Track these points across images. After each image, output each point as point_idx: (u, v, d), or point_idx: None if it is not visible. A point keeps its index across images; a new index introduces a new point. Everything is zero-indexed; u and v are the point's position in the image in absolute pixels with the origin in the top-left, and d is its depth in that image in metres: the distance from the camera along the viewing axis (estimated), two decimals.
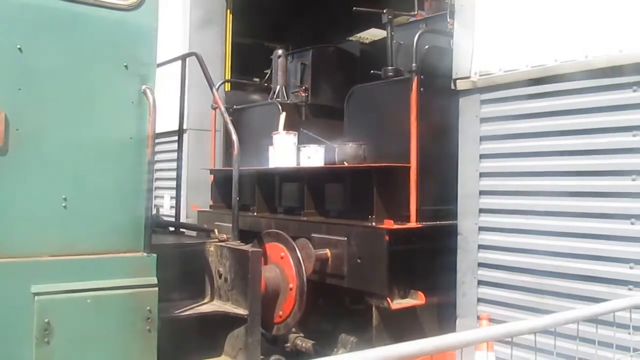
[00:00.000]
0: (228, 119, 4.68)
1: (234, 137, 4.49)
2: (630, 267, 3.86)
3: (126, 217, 3.45)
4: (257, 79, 9.44)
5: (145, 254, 3.47)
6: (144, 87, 3.51)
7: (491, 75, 4.79)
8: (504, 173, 4.65)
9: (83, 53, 3.32)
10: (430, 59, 5.47)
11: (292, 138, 6.23)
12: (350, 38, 9.88)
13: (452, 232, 4.94)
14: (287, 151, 6.12)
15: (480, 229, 4.78)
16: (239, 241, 4.45)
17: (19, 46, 3.09)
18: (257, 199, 6.45)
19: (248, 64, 9.37)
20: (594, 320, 3.18)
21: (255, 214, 6.39)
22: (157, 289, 3.45)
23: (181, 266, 3.89)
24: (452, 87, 5.11)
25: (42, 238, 3.16)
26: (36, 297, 3.04)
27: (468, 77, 4.96)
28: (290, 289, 4.94)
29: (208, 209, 7.50)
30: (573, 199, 4.19)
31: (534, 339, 3.05)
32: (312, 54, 7.39)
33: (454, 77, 5.08)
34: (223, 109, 4.80)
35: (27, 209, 3.14)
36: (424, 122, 5.27)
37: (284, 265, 4.99)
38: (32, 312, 3.02)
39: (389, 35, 6.18)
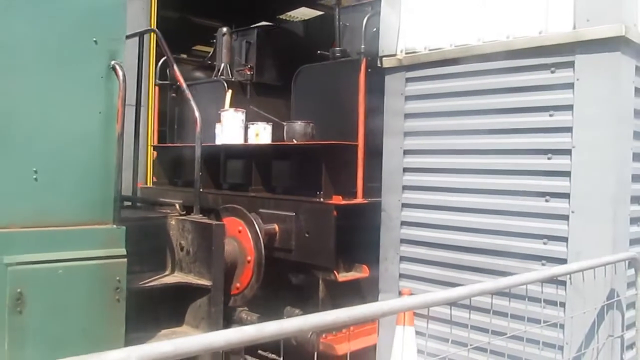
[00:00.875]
0: (190, 96, 4.72)
1: (197, 113, 4.58)
2: (544, 243, 3.99)
3: (96, 190, 3.48)
4: (184, 55, 9.18)
5: (115, 226, 3.53)
6: (113, 62, 3.53)
7: (416, 53, 4.80)
8: (427, 150, 4.67)
9: (53, 27, 3.31)
10: (377, 42, 5.47)
11: (240, 115, 6.27)
12: (281, 16, 9.74)
13: None
14: (235, 128, 6.17)
15: (403, 205, 4.81)
16: (200, 215, 4.56)
17: None
18: (203, 176, 6.43)
19: (174, 40, 9.11)
20: (507, 293, 3.26)
21: (200, 190, 6.37)
22: (126, 260, 3.51)
23: (143, 239, 3.91)
24: (379, 64, 5.12)
25: (13, 210, 3.16)
26: (8, 267, 3.07)
27: (394, 55, 4.95)
28: (248, 262, 5.09)
29: (151, 186, 7.37)
30: (491, 177, 4.27)
31: (450, 312, 3.11)
32: (257, 33, 7.44)
33: (380, 54, 5.05)
34: (185, 86, 4.82)
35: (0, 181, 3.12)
36: (371, 102, 5.39)
37: (242, 239, 5.13)
38: (4, 283, 3.05)
39: (337, 16, 6.24)
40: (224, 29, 7.45)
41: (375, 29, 5.52)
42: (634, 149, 3.95)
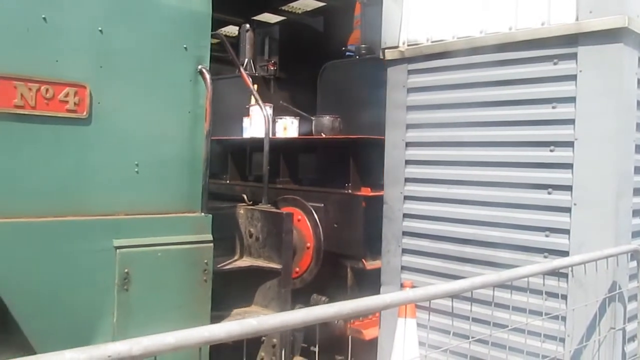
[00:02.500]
0: (258, 97, 5.16)
1: (265, 112, 5.07)
2: (546, 235, 3.98)
3: (187, 182, 3.84)
4: None
5: (203, 214, 3.90)
6: (200, 66, 3.88)
7: (419, 46, 4.78)
8: (430, 143, 4.67)
9: (151, 35, 3.67)
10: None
11: (268, 110, 6.32)
12: (283, 8, 9.72)
13: None
14: (263, 122, 6.21)
15: (406, 197, 4.81)
16: (269, 205, 5.04)
17: (100, 29, 3.42)
18: (230, 168, 6.71)
19: None
20: (508, 285, 3.26)
21: (228, 181, 6.68)
22: (212, 244, 3.90)
23: (217, 227, 4.12)
24: (381, 56, 5.11)
25: (119, 199, 3.53)
26: (117, 250, 3.45)
27: (396, 47, 4.93)
28: (308, 248, 5.40)
29: None
30: (494, 169, 4.26)
31: (452, 305, 3.11)
32: (280, 28, 7.69)
33: (382, 46, 5.04)
34: (252, 87, 5.23)
35: (106, 173, 3.48)
36: None
37: (301, 227, 5.42)
38: (114, 263, 3.44)
39: (362, 13, 6.33)
40: (247, 25, 7.59)
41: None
42: (636, 141, 3.94)
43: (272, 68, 7.35)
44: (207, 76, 3.88)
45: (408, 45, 4.88)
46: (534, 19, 4.10)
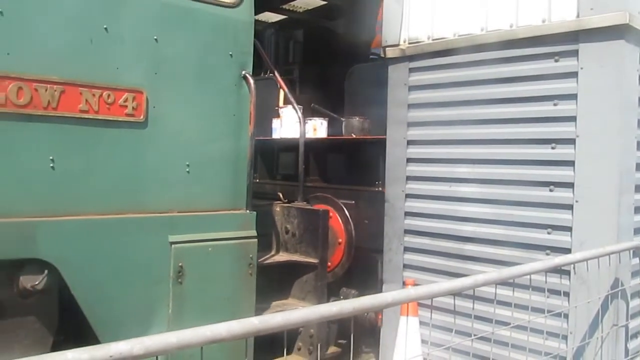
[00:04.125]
0: (293, 100, 5.29)
1: (300, 115, 5.27)
2: (548, 233, 3.98)
3: (233, 181, 4.05)
4: None
5: (248, 211, 4.12)
6: (244, 72, 4.08)
7: (420, 44, 4.78)
8: (431, 141, 4.66)
9: (200, 43, 3.87)
10: None
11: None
12: (284, 6, 9.75)
13: None
14: (293, 123, 6.35)
15: (407, 196, 4.81)
16: (304, 202, 5.28)
17: (155, 37, 3.62)
18: (259, 167, 6.86)
19: None
20: (511, 283, 3.26)
21: (257, 180, 6.73)
22: (256, 240, 4.11)
23: (256, 224, 4.31)
24: (382, 54, 5.10)
25: (173, 197, 3.74)
26: (172, 245, 3.66)
27: (397, 45, 4.93)
28: (340, 244, 5.55)
29: None
30: (495, 167, 4.25)
31: (454, 303, 3.11)
32: (304, 32, 7.88)
33: (383, 44, 5.04)
34: (287, 90, 5.41)
35: (161, 173, 3.69)
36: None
37: (333, 224, 5.55)
38: (169, 258, 3.64)
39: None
40: (272, 30, 7.79)
41: None
42: (638, 137, 3.93)
43: (296, 70, 7.53)
44: (251, 81, 4.09)
45: (409, 43, 4.88)
46: (535, 16, 4.09)
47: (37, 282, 3.10)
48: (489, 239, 4.27)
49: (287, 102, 6.53)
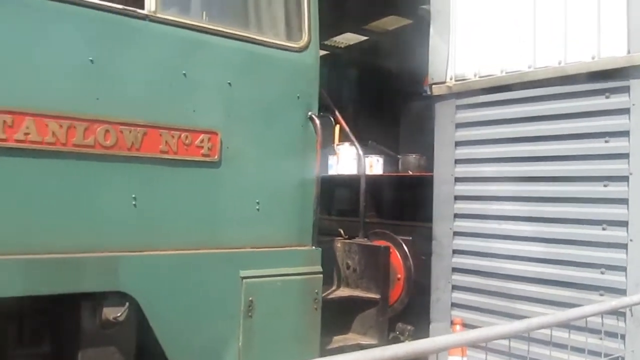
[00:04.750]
0: (355, 140, 5.44)
1: (361, 152, 5.48)
2: (602, 273, 3.89)
3: (299, 218, 4.22)
4: None
5: (314, 247, 4.28)
6: (310, 113, 4.26)
7: (467, 81, 4.81)
8: (479, 178, 4.66)
9: (269, 86, 4.08)
10: None
11: (354, 148, 6.59)
12: (326, 42, 9.92)
13: None
14: (350, 160, 6.68)
15: (455, 233, 4.78)
16: (365, 239, 5.36)
17: (229, 82, 3.84)
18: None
19: None
20: (566, 325, 3.19)
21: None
22: (322, 275, 4.26)
23: None
24: (428, 92, 5.12)
25: (244, 233, 3.92)
26: (244, 280, 3.83)
27: (444, 82, 4.98)
28: (399, 279, 5.61)
29: None
30: (547, 205, 4.21)
31: (508, 344, 3.05)
32: (357, 70, 8.15)
33: (429, 82, 5.09)
34: (347, 128, 5.42)
35: (233, 211, 3.88)
36: None
37: (392, 259, 5.56)
38: (240, 292, 3.81)
39: None
40: (324, 67, 7.89)
41: None
42: None
43: (350, 108, 7.66)
44: (317, 122, 4.26)
45: (456, 81, 4.90)
46: (584, 53, 4.09)
47: (119, 314, 3.30)
48: (539, 278, 4.21)
49: (343, 139, 6.71)
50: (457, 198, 4.80)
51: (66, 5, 3.22)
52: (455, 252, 4.77)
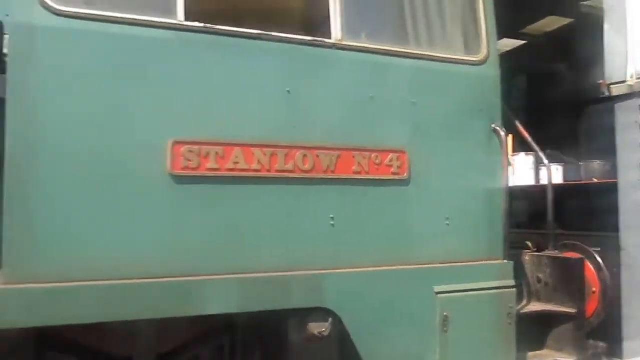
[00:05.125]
0: (539, 149, 5.18)
1: (546, 161, 5.24)
2: None
3: (488, 232, 4.18)
4: None
5: (505, 261, 4.21)
6: (493, 125, 4.21)
7: None
8: None
9: (453, 102, 4.11)
10: None
11: (530, 158, 6.57)
12: (523, 31, 9.70)
13: None
14: (526, 170, 6.54)
15: None
16: (556, 251, 5.11)
17: (413, 101, 3.93)
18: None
19: None
20: None
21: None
22: (515, 290, 4.20)
23: None
24: (606, 93, 4.88)
25: (434, 249, 3.96)
26: (438, 295, 3.85)
27: (624, 82, 4.69)
28: (594, 292, 5.40)
29: None
30: None
31: None
32: (527, 76, 7.96)
33: (607, 82, 4.76)
34: (537, 148, 5.20)
35: (424, 227, 3.93)
36: None
37: (586, 272, 5.33)
38: (434, 307, 3.84)
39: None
40: None
41: None
42: None
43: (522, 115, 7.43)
44: (502, 134, 4.18)
45: (637, 79, 4.62)
46: None
47: (324, 329, 3.47)
48: None
49: (516, 149, 6.45)
50: None
51: (263, 43, 3.50)
52: None
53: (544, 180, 6.22)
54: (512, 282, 4.17)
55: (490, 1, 4.27)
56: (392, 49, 3.90)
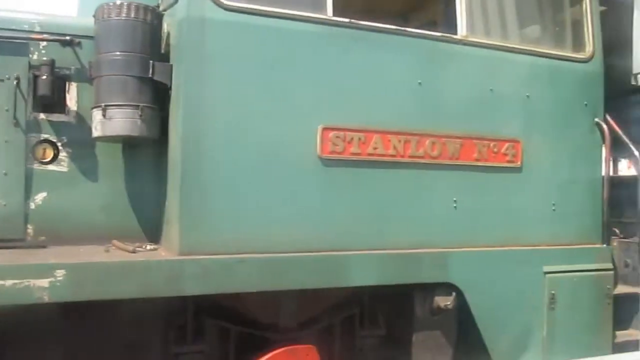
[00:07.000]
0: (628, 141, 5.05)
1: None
2: None
3: (591, 217, 4.52)
4: None
5: (605, 245, 4.55)
6: (596, 119, 4.50)
7: None
8: None
9: (561, 96, 4.40)
10: None
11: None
12: None
13: None
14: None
15: None
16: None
17: (527, 94, 4.23)
18: None
19: None
20: None
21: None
22: (613, 272, 4.53)
23: None
24: (633, 82, 4.90)
25: (542, 232, 4.30)
26: (546, 275, 4.20)
27: None
28: None
29: None
30: None
31: None
32: None
33: (635, 71, 4.88)
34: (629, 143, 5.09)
35: (533, 211, 4.27)
36: None
37: None
38: (543, 286, 4.19)
39: None
40: None
41: None
42: None
43: None
44: (605, 127, 4.48)
45: None
46: None
47: (448, 303, 3.82)
48: None
49: None
50: None
51: (400, 37, 3.79)
52: None
53: (623, 172, 6.11)
54: (610, 265, 4.50)
55: (595, 3, 4.53)
56: (511, 45, 4.20)
